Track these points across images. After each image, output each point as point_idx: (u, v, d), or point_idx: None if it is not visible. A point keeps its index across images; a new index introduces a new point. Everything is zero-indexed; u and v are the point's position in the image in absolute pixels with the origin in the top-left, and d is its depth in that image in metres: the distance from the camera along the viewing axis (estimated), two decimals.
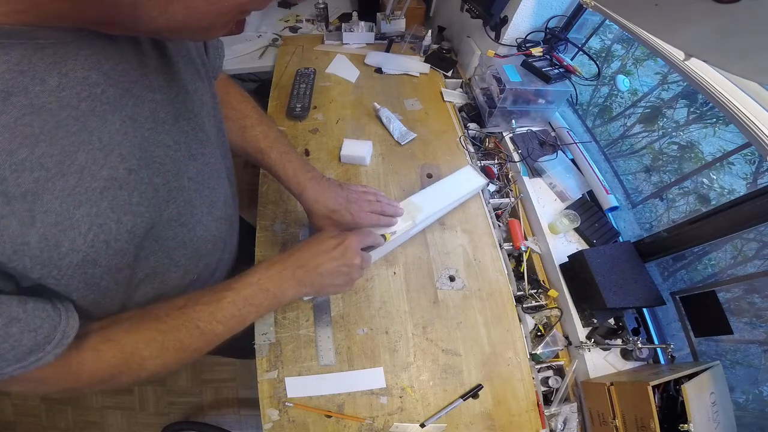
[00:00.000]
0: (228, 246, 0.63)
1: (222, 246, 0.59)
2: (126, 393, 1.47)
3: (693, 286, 0.78)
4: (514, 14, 0.99)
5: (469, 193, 0.85)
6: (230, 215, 0.59)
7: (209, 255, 0.55)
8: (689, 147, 1.02)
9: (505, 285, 0.80)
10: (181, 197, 0.43)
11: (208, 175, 0.48)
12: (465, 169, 0.88)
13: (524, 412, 0.68)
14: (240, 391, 1.50)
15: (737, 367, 0.83)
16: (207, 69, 0.50)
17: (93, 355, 0.37)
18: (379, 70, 1.19)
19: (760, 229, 0.77)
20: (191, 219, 0.46)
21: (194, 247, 0.49)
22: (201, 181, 0.47)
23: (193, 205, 0.46)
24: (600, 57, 1.23)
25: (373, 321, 0.73)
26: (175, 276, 0.48)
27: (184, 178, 0.43)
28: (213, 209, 0.51)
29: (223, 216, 0.55)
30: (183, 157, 0.43)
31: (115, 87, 0.33)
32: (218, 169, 0.52)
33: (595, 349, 0.75)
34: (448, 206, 0.82)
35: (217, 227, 0.54)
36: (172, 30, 0.29)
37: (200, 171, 0.46)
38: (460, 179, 0.85)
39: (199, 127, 0.45)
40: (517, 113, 1.05)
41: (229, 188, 0.59)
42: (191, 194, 0.45)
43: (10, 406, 1.43)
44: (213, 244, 0.54)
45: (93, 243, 0.32)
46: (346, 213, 0.64)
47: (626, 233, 0.93)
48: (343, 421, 0.64)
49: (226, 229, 0.58)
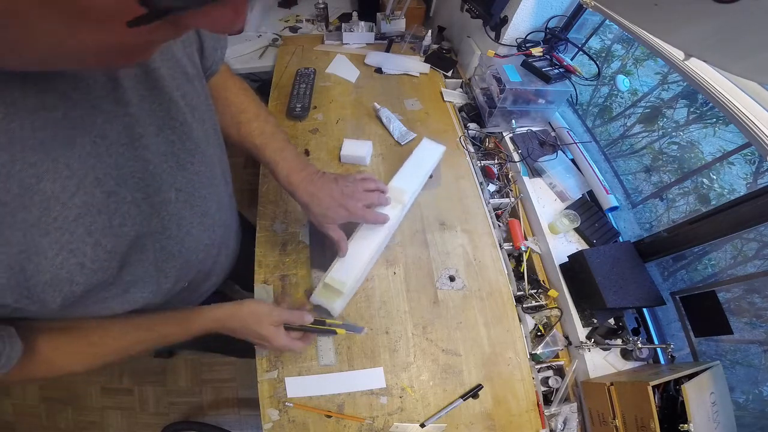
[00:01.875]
0: (224, 250, 0.62)
1: (216, 252, 0.58)
2: (126, 393, 1.47)
3: (693, 286, 0.78)
4: (514, 14, 0.99)
5: (435, 162, 0.89)
6: (225, 220, 0.58)
7: (202, 263, 0.54)
8: (689, 147, 1.02)
9: (505, 285, 0.80)
10: (166, 210, 0.42)
11: (200, 184, 0.47)
12: (423, 142, 0.90)
13: (524, 412, 0.68)
14: (240, 391, 1.50)
15: (737, 367, 0.83)
16: (198, 68, 0.48)
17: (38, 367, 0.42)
18: (379, 70, 1.19)
19: (760, 229, 0.77)
20: (179, 231, 0.45)
21: (184, 258, 0.48)
22: (191, 191, 0.46)
23: (181, 217, 0.45)
24: (600, 57, 1.23)
25: (373, 321, 0.73)
26: (165, 285, 0.47)
27: (171, 191, 0.42)
28: (204, 218, 0.50)
29: (216, 223, 0.54)
30: (170, 168, 0.41)
31: (78, 107, 0.31)
32: (212, 175, 0.50)
33: (595, 349, 0.75)
34: (423, 181, 0.85)
35: (210, 235, 0.53)
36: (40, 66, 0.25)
37: (190, 181, 0.45)
38: (423, 153, 0.88)
39: (187, 135, 0.43)
40: (517, 113, 1.05)
41: (225, 191, 0.58)
42: (179, 205, 0.44)
43: (9, 406, 1.43)
44: (205, 252, 0.53)
45: (62, 265, 0.32)
46: (340, 209, 0.64)
47: (626, 233, 0.93)
48: (343, 421, 0.64)
49: (220, 236, 0.57)
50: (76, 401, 1.44)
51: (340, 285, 0.67)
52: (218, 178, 0.53)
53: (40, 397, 1.44)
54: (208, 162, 0.49)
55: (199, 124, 0.46)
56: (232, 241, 0.66)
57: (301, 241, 0.81)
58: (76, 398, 1.45)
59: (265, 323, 0.56)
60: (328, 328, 0.63)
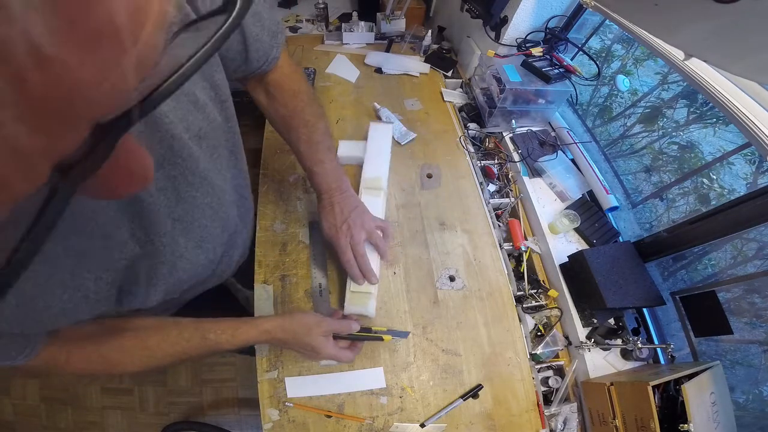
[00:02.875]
0: (226, 259, 0.61)
1: (214, 267, 0.57)
2: (126, 393, 1.47)
3: (693, 286, 0.78)
4: (514, 14, 0.99)
5: (390, 139, 0.93)
6: (231, 236, 0.58)
7: (197, 277, 0.54)
8: (689, 147, 1.02)
9: (505, 285, 0.80)
10: (160, 240, 0.42)
11: (200, 215, 0.46)
12: (372, 125, 0.93)
13: (524, 412, 0.68)
14: (240, 391, 1.50)
15: (737, 367, 0.83)
16: (219, 88, 0.46)
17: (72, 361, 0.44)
18: (379, 70, 1.19)
19: (760, 229, 0.77)
20: (172, 256, 0.45)
21: (175, 278, 0.47)
22: (190, 221, 0.45)
23: (176, 244, 0.45)
24: (600, 57, 1.23)
25: (373, 321, 0.73)
26: (155, 297, 0.47)
27: (168, 221, 0.42)
28: (203, 242, 0.49)
29: (217, 244, 0.53)
30: (168, 201, 0.41)
31: None
32: (218, 203, 0.49)
33: (595, 349, 0.75)
34: (388, 159, 0.89)
35: (207, 256, 0.52)
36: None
37: (188, 212, 0.45)
38: (377, 135, 0.91)
39: (191, 170, 0.42)
40: (517, 113, 1.05)
41: (237, 211, 0.57)
42: (176, 233, 0.44)
43: (10, 406, 1.43)
44: (203, 267, 0.53)
45: (70, 299, 0.35)
46: (338, 243, 0.67)
47: (626, 233, 0.93)
48: (343, 421, 0.64)
49: (222, 253, 0.56)
50: (76, 401, 1.44)
51: (366, 287, 0.69)
52: (226, 204, 0.52)
53: (40, 397, 1.44)
54: (216, 191, 0.48)
55: (208, 153, 0.45)
56: (239, 249, 0.65)
57: (301, 241, 0.81)
58: (76, 398, 1.44)
59: (314, 334, 0.57)
60: (375, 335, 0.64)
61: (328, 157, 0.67)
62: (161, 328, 0.50)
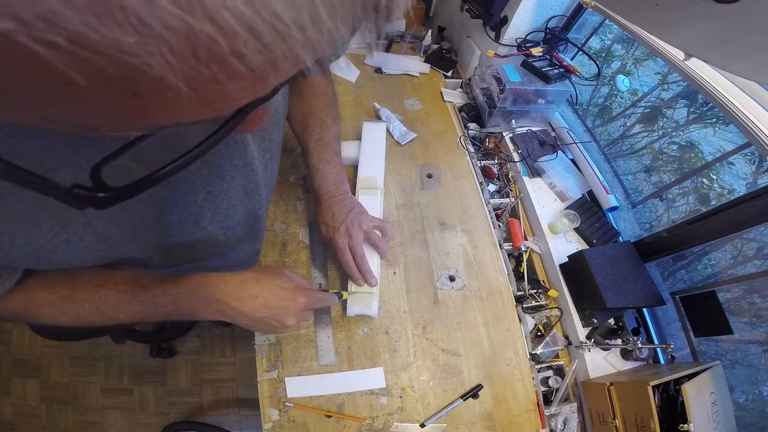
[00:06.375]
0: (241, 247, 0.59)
1: (232, 245, 0.55)
2: (126, 393, 1.47)
3: (693, 286, 0.78)
4: (514, 14, 0.99)
5: (384, 137, 0.93)
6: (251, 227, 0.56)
7: (210, 251, 0.52)
8: (689, 147, 1.02)
9: (505, 285, 0.80)
10: (186, 207, 0.42)
11: (233, 193, 0.46)
12: (365, 125, 0.93)
13: (524, 412, 0.68)
14: (240, 391, 1.50)
15: (737, 367, 0.83)
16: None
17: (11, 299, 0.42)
18: (379, 70, 1.19)
19: (760, 229, 0.77)
20: (194, 226, 0.44)
21: (189, 245, 0.47)
22: (221, 197, 0.45)
23: (201, 215, 0.44)
24: (600, 57, 1.23)
25: (373, 321, 0.73)
26: (160, 258, 0.46)
27: (202, 192, 0.42)
28: (227, 220, 0.48)
29: (238, 223, 0.51)
30: (207, 173, 0.42)
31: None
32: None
33: (595, 349, 0.75)
34: (383, 158, 0.89)
35: (226, 233, 0.50)
36: None
37: (224, 188, 0.44)
38: (371, 135, 0.92)
39: (239, 153, 0.42)
40: (517, 113, 1.05)
41: (265, 200, 0.55)
42: (205, 205, 0.44)
43: (9, 406, 1.43)
44: (220, 243, 0.52)
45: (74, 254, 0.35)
46: (336, 244, 0.67)
47: (626, 233, 0.93)
48: (343, 421, 0.64)
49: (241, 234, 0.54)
50: (76, 401, 1.44)
51: (367, 287, 0.69)
52: (260, 188, 0.50)
53: (40, 397, 1.44)
54: (255, 177, 0.47)
55: (259, 140, 0.46)
56: (257, 242, 0.64)
57: (301, 241, 0.81)
58: (76, 398, 1.44)
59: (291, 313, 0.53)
60: (336, 291, 0.61)
61: (335, 160, 0.68)
62: (91, 277, 0.45)
